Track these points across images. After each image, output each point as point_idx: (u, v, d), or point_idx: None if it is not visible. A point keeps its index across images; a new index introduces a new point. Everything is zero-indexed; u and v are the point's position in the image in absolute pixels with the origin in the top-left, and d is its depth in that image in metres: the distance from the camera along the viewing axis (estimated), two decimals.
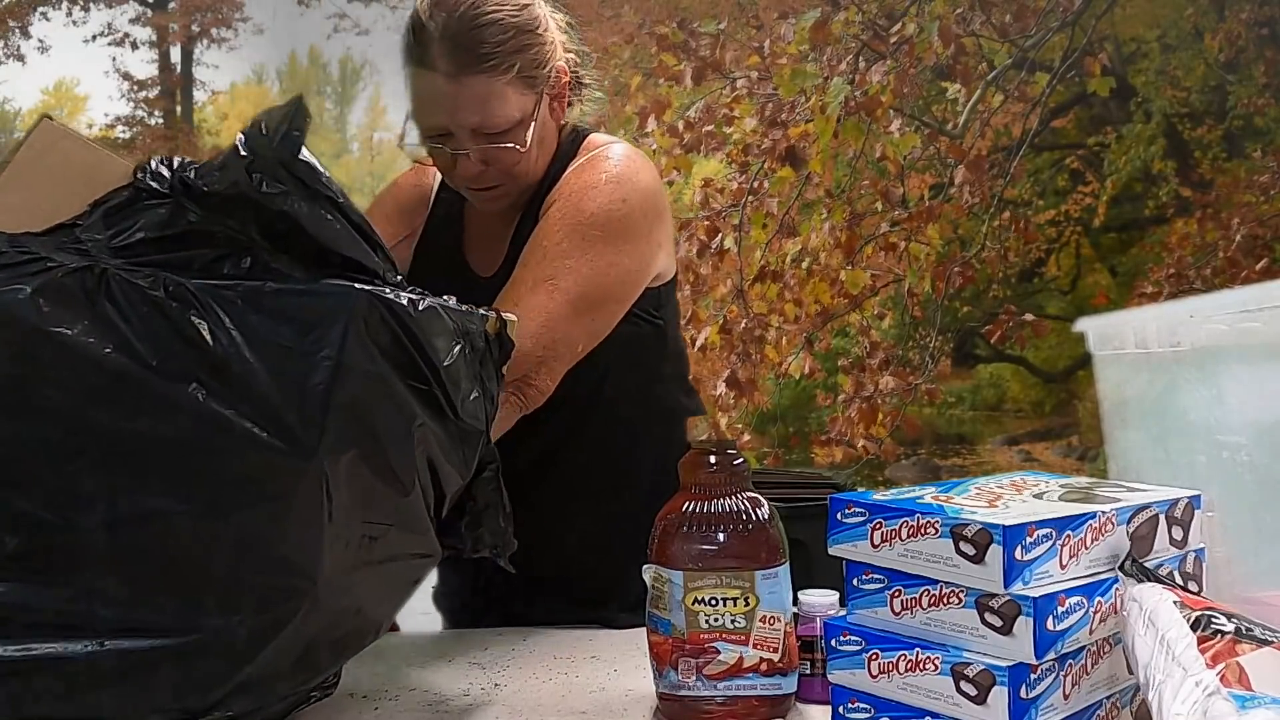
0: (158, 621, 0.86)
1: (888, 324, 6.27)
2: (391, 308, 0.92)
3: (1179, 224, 6.63)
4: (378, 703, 1.12)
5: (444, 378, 0.95)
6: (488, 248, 1.44)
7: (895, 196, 5.66)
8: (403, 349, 0.93)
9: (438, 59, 1.28)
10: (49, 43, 7.27)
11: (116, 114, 7.55)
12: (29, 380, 0.85)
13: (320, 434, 0.87)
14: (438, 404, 0.96)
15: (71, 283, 0.85)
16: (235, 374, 0.86)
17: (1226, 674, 0.74)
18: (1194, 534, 0.99)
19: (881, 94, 5.35)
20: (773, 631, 1.01)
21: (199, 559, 0.86)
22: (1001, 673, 0.85)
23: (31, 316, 0.84)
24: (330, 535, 0.90)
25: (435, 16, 1.29)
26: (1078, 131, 7.48)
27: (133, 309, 0.86)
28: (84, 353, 0.84)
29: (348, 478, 0.90)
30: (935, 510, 0.90)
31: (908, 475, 6.58)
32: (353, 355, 0.89)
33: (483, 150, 1.32)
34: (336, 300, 0.90)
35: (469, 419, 1.00)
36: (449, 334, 0.97)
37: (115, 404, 0.85)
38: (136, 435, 0.85)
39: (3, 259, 0.86)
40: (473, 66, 1.28)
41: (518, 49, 1.30)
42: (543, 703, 1.12)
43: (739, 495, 1.04)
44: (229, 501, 0.86)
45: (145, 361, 0.85)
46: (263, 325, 0.88)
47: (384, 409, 0.92)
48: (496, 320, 1.04)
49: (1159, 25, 7.12)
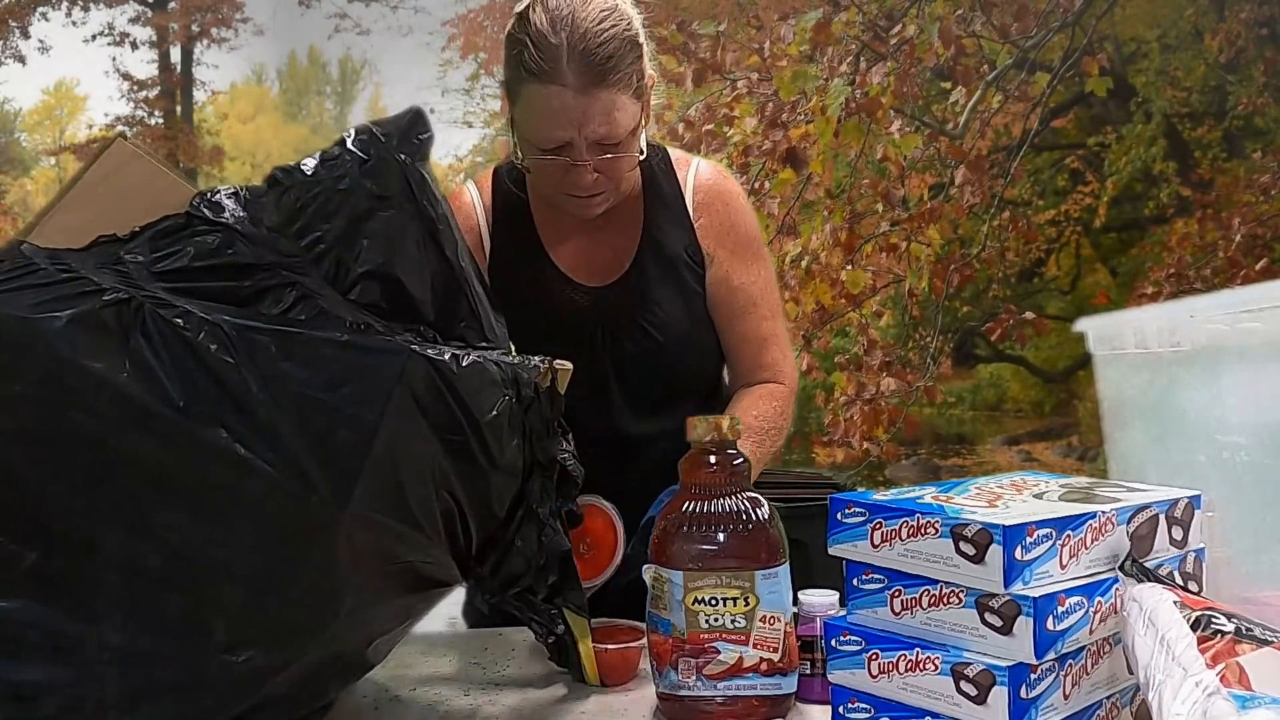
0: (166, 651, 0.85)
1: (886, 323, 6.27)
2: (437, 367, 0.91)
3: (1179, 224, 6.63)
4: (378, 703, 1.12)
5: (484, 431, 0.94)
6: (589, 257, 1.45)
7: (895, 198, 5.66)
8: (444, 406, 0.91)
9: (568, 74, 1.30)
10: (49, 43, 7.28)
11: (116, 114, 7.56)
12: (58, 405, 0.84)
13: (349, 494, 0.86)
14: (472, 455, 0.94)
15: (108, 316, 0.85)
16: (261, 420, 0.85)
17: (1226, 674, 0.74)
18: (1194, 534, 0.99)
19: (882, 95, 5.34)
20: (773, 631, 1.01)
21: (213, 592, 0.86)
22: (1001, 673, 0.85)
23: (64, 347, 0.84)
24: (347, 580, 0.89)
25: (559, 32, 1.30)
26: (1078, 131, 7.48)
27: (165, 346, 0.85)
28: (113, 386, 0.84)
29: (370, 527, 0.89)
30: (935, 510, 0.90)
31: (908, 475, 6.58)
32: (394, 418, 0.88)
33: (600, 161, 1.34)
34: (383, 360, 0.89)
35: (510, 466, 0.99)
36: (496, 387, 0.96)
37: (141, 437, 0.84)
38: (160, 468, 0.85)
39: (41, 276, 0.86)
40: (602, 81, 1.31)
41: (632, 61, 1.34)
42: (543, 703, 1.12)
43: (739, 495, 1.04)
44: (247, 541, 0.86)
45: (173, 401, 0.84)
46: (294, 374, 0.87)
47: (416, 465, 0.91)
48: (547, 371, 1.02)
49: (1159, 25, 7.12)
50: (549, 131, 1.32)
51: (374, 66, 11.26)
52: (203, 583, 0.86)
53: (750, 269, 1.48)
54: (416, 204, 0.96)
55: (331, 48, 8.40)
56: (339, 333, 0.89)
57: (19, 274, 0.86)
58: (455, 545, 0.98)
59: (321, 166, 0.96)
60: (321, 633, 0.89)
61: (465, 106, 12.17)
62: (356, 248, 0.95)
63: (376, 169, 0.95)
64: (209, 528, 0.85)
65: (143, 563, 0.84)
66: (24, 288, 0.85)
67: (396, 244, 0.96)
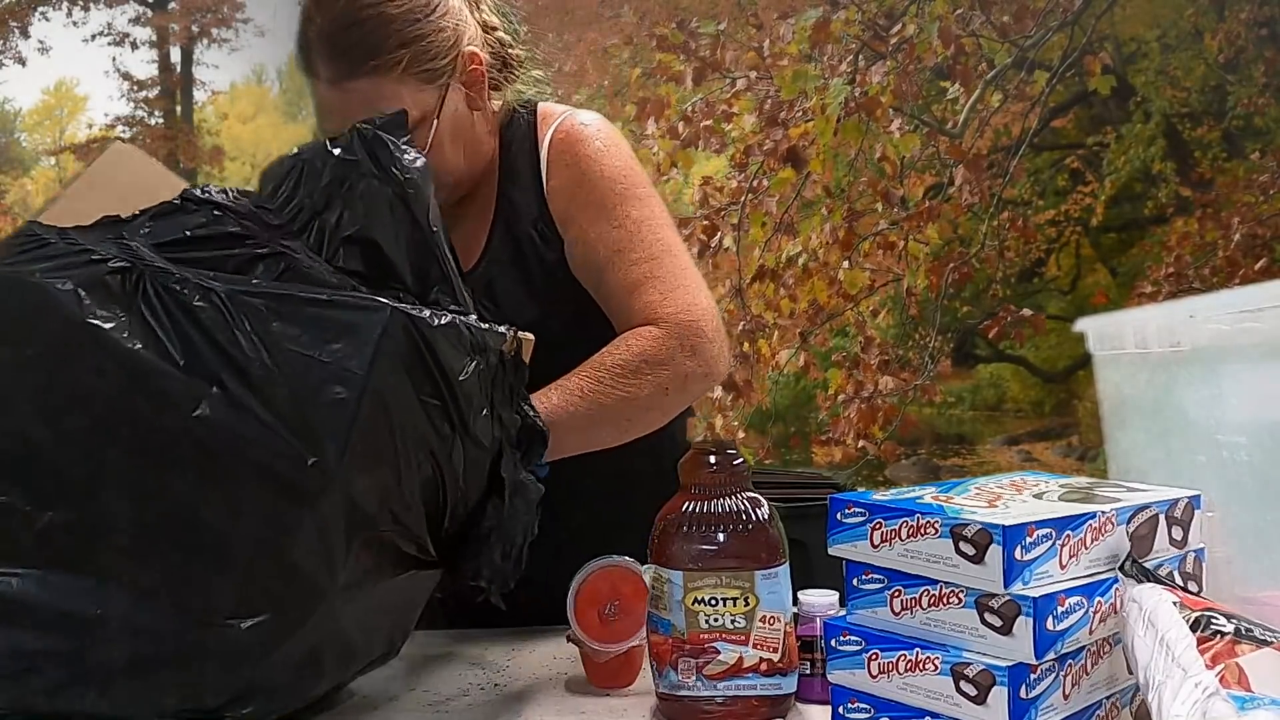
0: (168, 618, 0.87)
1: (885, 322, 6.27)
2: (416, 324, 0.94)
3: (1179, 224, 6.63)
4: (378, 703, 1.12)
5: (458, 394, 0.97)
6: (465, 242, 1.34)
7: (894, 197, 5.66)
8: (423, 365, 0.95)
9: (319, 66, 1.21)
10: (49, 43, 7.27)
11: (116, 114, 7.55)
12: (67, 366, 0.89)
13: (344, 450, 0.89)
14: (450, 419, 0.97)
15: (112, 281, 0.90)
16: (256, 379, 0.89)
17: (1226, 675, 0.74)
18: (1194, 534, 0.99)
19: (881, 94, 5.34)
20: (772, 631, 1.01)
21: (215, 556, 0.88)
22: (1001, 673, 0.85)
23: (72, 306, 0.88)
24: (344, 544, 0.90)
25: (314, 19, 1.21)
26: (1077, 131, 7.48)
27: (165, 310, 0.90)
28: (118, 346, 0.88)
29: (365, 489, 0.91)
30: (935, 510, 0.90)
31: (908, 475, 6.58)
32: (380, 374, 0.91)
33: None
34: (365, 316, 0.93)
35: (479, 436, 1.01)
36: (465, 350, 0.99)
37: (145, 397, 0.88)
38: (164, 429, 0.88)
39: (52, 249, 0.92)
40: (354, 70, 1.20)
41: (402, 43, 1.21)
42: (543, 703, 1.12)
43: (739, 495, 1.04)
44: (248, 502, 0.88)
45: (174, 360, 0.88)
46: (285, 333, 0.91)
47: (402, 424, 0.94)
48: (513, 339, 1.05)
49: (1159, 25, 7.12)
50: (323, 127, 1.24)
51: None
52: (204, 547, 0.88)
53: (612, 215, 1.28)
54: (383, 167, 1.01)
55: None
56: (324, 293, 0.94)
57: (30, 247, 0.92)
58: (433, 521, 1.00)
59: (300, 149, 1.04)
60: (322, 598, 0.90)
61: None
62: (335, 213, 1.01)
63: (344, 140, 1.02)
64: (210, 487, 0.88)
65: (147, 526, 0.87)
66: (35, 259, 0.91)
67: (371, 207, 1.01)
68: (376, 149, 1.01)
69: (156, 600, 0.87)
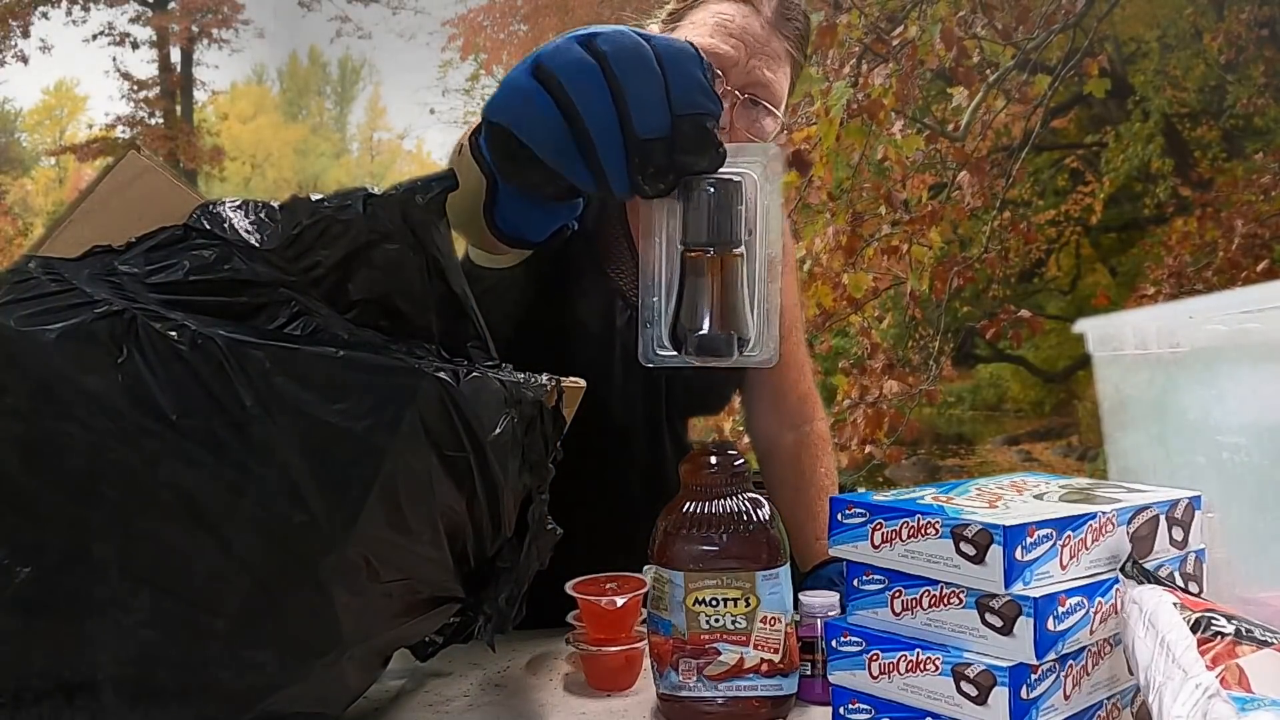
0: (164, 664, 0.84)
1: (887, 325, 6.27)
2: (444, 385, 0.88)
3: (1178, 224, 6.64)
4: (378, 703, 1.12)
5: (486, 451, 0.92)
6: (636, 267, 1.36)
7: (897, 200, 5.66)
8: (449, 425, 0.89)
9: (765, 5, 1.29)
10: (49, 43, 7.28)
11: (117, 114, 7.55)
12: (49, 416, 0.83)
13: (354, 517, 0.85)
14: (475, 476, 0.92)
15: (100, 329, 0.83)
16: (256, 437, 0.83)
17: (1226, 676, 0.74)
18: (1194, 535, 0.99)
19: (884, 96, 5.34)
20: (773, 632, 1.01)
21: (208, 608, 0.84)
22: (1002, 673, 0.85)
23: (55, 359, 0.82)
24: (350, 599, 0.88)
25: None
26: (1077, 131, 7.49)
27: (159, 359, 0.83)
28: (105, 400, 0.82)
29: (373, 549, 0.87)
30: (935, 511, 0.90)
31: (908, 475, 6.58)
32: (398, 441, 0.86)
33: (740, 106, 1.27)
34: (385, 379, 0.87)
35: (507, 488, 0.97)
36: (499, 405, 0.93)
37: (135, 450, 0.83)
38: (155, 481, 0.83)
39: (33, 287, 0.84)
40: (786, 33, 1.30)
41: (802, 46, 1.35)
42: (543, 703, 1.12)
43: (739, 496, 1.04)
44: (245, 557, 0.84)
45: (166, 416, 0.83)
46: (288, 389, 0.84)
47: (420, 487, 0.89)
48: (554, 390, 1.00)
49: (1159, 25, 7.12)
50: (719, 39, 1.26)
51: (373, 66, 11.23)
52: (198, 599, 0.84)
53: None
54: (418, 239, 0.93)
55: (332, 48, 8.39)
56: (336, 349, 0.87)
57: (14, 286, 0.85)
58: (447, 568, 0.96)
59: (329, 198, 0.94)
60: (319, 657, 0.88)
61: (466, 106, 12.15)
62: (355, 275, 0.92)
63: (378, 206, 0.92)
64: (205, 541, 0.83)
65: (140, 572, 0.83)
66: (16, 300, 0.84)
67: (396, 274, 0.93)
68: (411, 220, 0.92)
69: (147, 659, 0.83)
